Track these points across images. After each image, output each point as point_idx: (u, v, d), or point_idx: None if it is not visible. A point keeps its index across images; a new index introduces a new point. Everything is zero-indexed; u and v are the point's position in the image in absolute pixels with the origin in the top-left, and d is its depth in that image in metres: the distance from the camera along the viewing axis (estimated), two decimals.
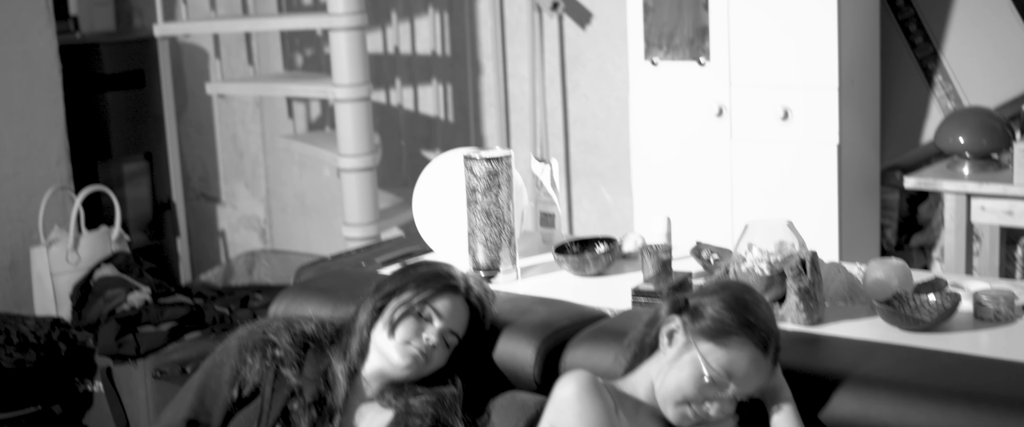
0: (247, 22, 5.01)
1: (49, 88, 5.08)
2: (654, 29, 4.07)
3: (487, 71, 5.05)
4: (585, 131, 4.86)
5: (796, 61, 3.87)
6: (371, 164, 4.59)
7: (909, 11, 4.35)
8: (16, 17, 4.91)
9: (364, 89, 4.49)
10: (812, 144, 3.89)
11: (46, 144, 5.08)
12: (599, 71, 4.78)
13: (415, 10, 5.18)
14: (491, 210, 2.97)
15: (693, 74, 4.03)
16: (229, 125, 5.88)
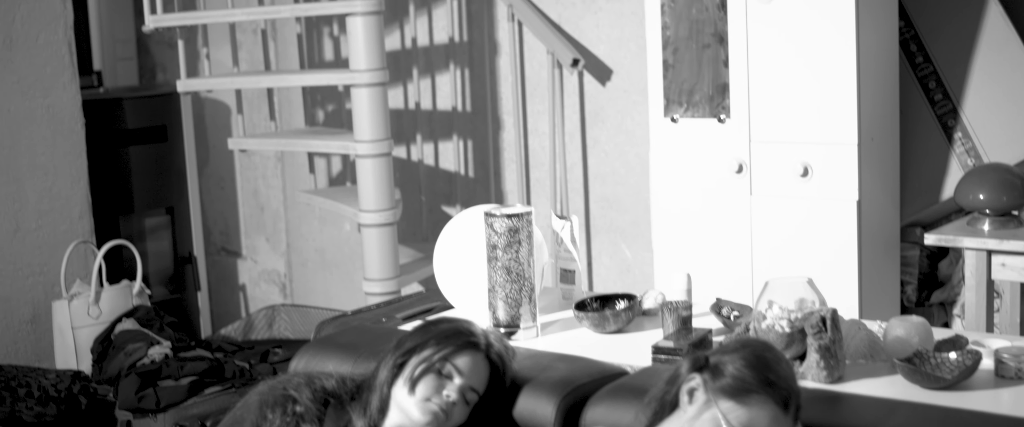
0: (269, 78, 5.05)
1: (72, 142, 5.11)
2: (674, 86, 4.09)
3: (507, 127, 5.07)
4: (605, 187, 4.87)
5: (816, 118, 3.88)
6: (392, 219, 4.60)
7: (928, 67, 4.36)
8: (41, 72, 4.96)
9: (385, 144, 4.51)
10: (832, 200, 3.89)
11: (69, 198, 5.11)
12: (619, 127, 4.80)
13: (436, 66, 5.21)
14: (511, 266, 2.98)
15: (713, 131, 4.04)
16: (250, 180, 5.91)
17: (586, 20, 4.82)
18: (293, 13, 4.87)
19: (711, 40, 4.00)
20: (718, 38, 3.99)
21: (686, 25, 4.03)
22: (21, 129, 4.93)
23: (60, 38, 5.02)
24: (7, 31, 4.83)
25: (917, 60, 4.38)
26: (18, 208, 4.95)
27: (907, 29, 4.37)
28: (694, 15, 4.02)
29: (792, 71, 3.90)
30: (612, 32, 4.77)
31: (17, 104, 4.90)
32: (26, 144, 4.94)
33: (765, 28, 3.91)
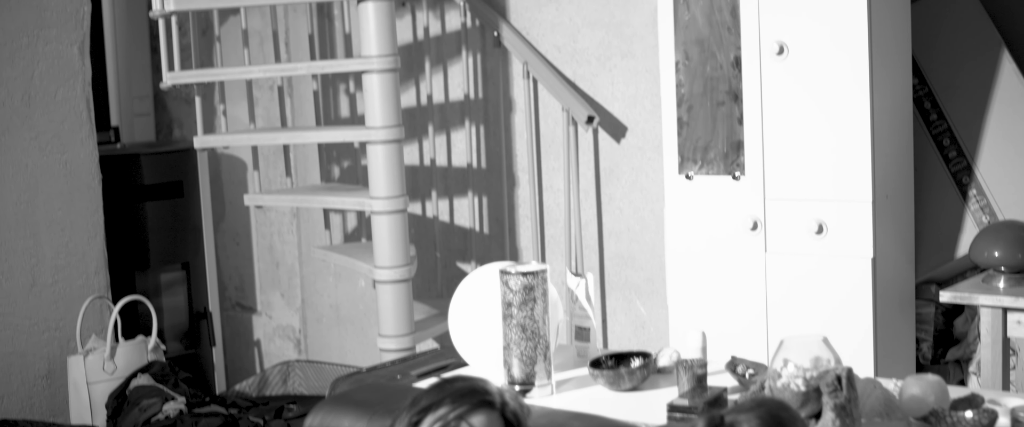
0: (285, 134, 5.07)
1: (89, 198, 5.14)
2: (689, 143, 4.10)
3: (522, 183, 5.08)
4: (619, 244, 4.88)
5: (831, 175, 3.89)
6: (406, 276, 4.61)
7: (943, 125, 4.37)
8: (59, 128, 4.99)
9: (400, 201, 4.53)
10: (847, 258, 3.89)
11: (85, 254, 5.13)
12: (634, 184, 4.81)
13: (451, 123, 5.23)
14: (526, 324, 2.99)
15: (728, 188, 4.05)
16: (266, 235, 5.93)
17: (601, 78, 4.84)
18: (309, 70, 4.90)
19: (725, 97, 4.02)
20: (732, 95, 4.01)
21: (700, 82, 4.05)
22: (39, 184, 4.96)
23: (78, 94, 5.06)
24: (26, 87, 4.87)
25: (931, 117, 4.39)
26: (35, 263, 4.97)
27: (921, 86, 4.39)
28: (708, 73, 4.04)
29: (807, 128, 3.91)
30: (627, 89, 4.79)
31: (35, 159, 4.93)
32: (43, 199, 4.97)
33: (779, 86, 3.93)
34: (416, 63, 5.27)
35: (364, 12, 4.34)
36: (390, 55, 4.38)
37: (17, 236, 4.91)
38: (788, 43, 3.90)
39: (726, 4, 3.98)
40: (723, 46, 4.00)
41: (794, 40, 3.89)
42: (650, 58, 4.67)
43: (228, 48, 5.54)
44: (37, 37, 4.89)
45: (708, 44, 4.03)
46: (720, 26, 4.00)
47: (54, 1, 4.92)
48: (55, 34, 4.95)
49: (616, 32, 4.79)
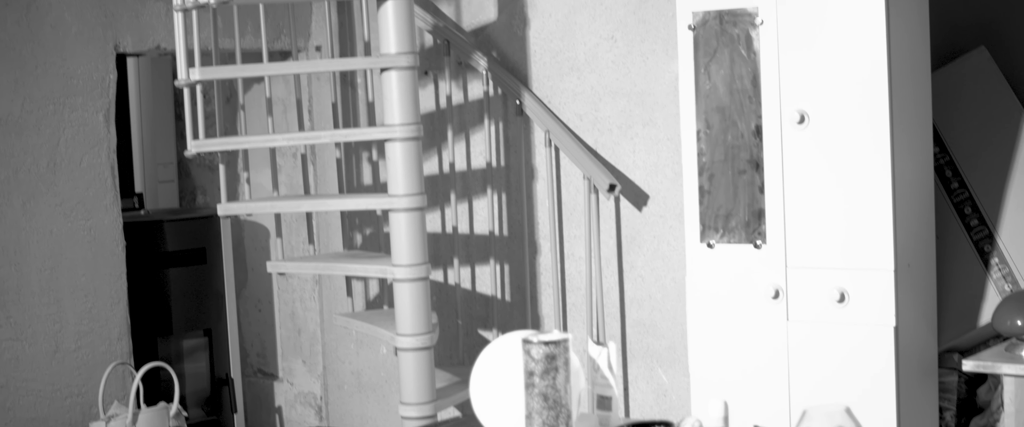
0: (308, 202, 5.10)
1: (113, 264, 5.17)
2: (710, 212, 4.11)
3: (544, 251, 5.10)
4: (641, 312, 4.87)
5: (852, 243, 3.89)
6: (428, 343, 4.61)
7: (964, 193, 4.37)
8: (83, 195, 5.03)
9: (422, 268, 4.54)
10: (869, 326, 3.89)
11: (108, 320, 5.16)
12: (655, 252, 4.81)
13: (473, 191, 5.25)
14: (548, 393, 2.98)
15: (749, 256, 4.05)
16: (288, 302, 5.95)
17: (622, 146, 4.86)
18: (333, 139, 4.93)
19: (747, 166, 4.03)
20: (754, 164, 4.02)
21: (722, 151, 4.07)
22: (63, 251, 4.99)
23: (103, 161, 5.10)
24: (51, 154, 4.92)
25: (953, 186, 4.40)
26: (58, 329, 4.99)
27: (942, 155, 4.40)
28: (730, 141, 4.06)
29: (828, 197, 3.92)
30: (648, 158, 4.81)
31: (60, 226, 4.97)
32: (67, 266, 5.00)
33: (800, 154, 3.94)
34: (439, 131, 5.30)
35: (387, 80, 4.38)
36: (413, 123, 4.41)
37: (41, 302, 4.94)
38: (809, 112, 3.92)
39: (747, 73, 4.00)
40: (744, 115, 4.02)
41: (815, 109, 3.91)
42: (671, 127, 4.69)
43: (252, 116, 5.59)
44: (63, 105, 4.94)
45: (729, 113, 4.05)
46: (741, 95, 4.02)
47: (81, 69, 4.98)
48: (81, 102, 5.00)
49: (637, 101, 4.82)
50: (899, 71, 3.86)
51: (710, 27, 4.06)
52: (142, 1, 5.14)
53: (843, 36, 3.85)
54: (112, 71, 5.11)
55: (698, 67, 4.10)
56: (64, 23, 4.90)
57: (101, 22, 5.02)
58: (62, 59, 4.91)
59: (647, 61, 4.79)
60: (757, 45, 3.98)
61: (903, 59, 3.90)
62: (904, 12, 3.92)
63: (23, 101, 4.82)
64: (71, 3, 4.91)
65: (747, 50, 4.00)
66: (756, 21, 3.98)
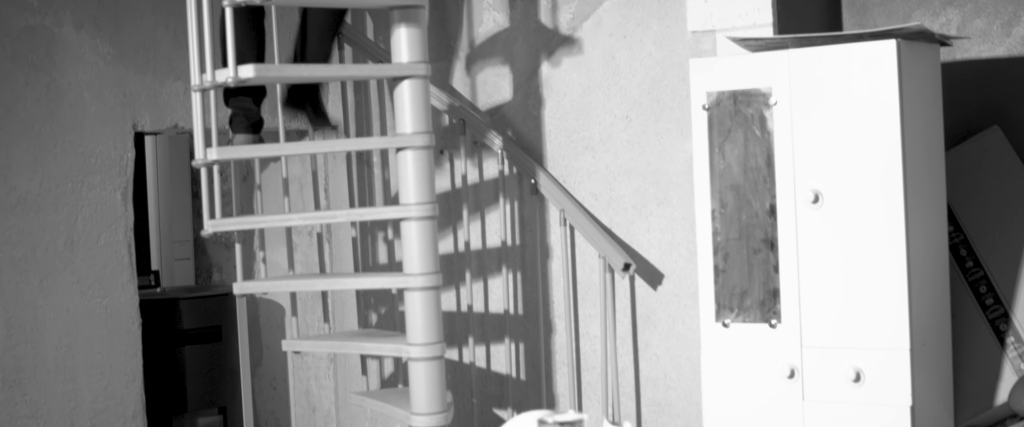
0: (324, 281, 5.11)
1: (128, 342, 5.17)
2: (725, 291, 4.12)
3: (559, 330, 5.09)
4: (656, 391, 4.86)
5: (867, 323, 3.89)
6: (443, 422, 4.60)
7: (979, 272, 4.37)
8: (100, 272, 5.05)
9: (438, 348, 4.54)
10: (885, 406, 3.87)
11: (123, 397, 5.15)
12: (670, 331, 4.81)
13: (488, 269, 5.26)
14: None
15: (764, 336, 4.05)
16: (303, 380, 5.94)
17: (637, 225, 4.88)
18: (348, 218, 4.95)
19: (761, 245, 4.04)
20: (768, 243, 4.03)
21: (736, 230, 4.08)
22: (79, 328, 5.00)
23: (120, 239, 5.13)
24: (69, 232, 4.94)
25: (967, 264, 4.40)
26: (73, 407, 4.99)
27: (957, 234, 4.40)
28: (744, 220, 4.07)
29: (843, 276, 3.92)
30: (663, 237, 4.82)
31: (76, 303, 4.98)
32: (83, 343, 5.01)
33: (815, 233, 3.95)
34: (454, 210, 5.32)
35: (403, 160, 4.40)
36: (429, 203, 4.43)
37: (56, 380, 4.94)
38: (823, 191, 3.93)
39: (761, 152, 4.02)
40: (758, 194, 4.04)
41: (829, 188, 3.93)
42: (686, 206, 4.71)
43: (268, 195, 5.62)
44: (82, 183, 4.98)
45: (743, 192, 4.06)
46: (755, 174, 4.04)
47: (99, 148, 5.02)
48: (99, 180, 5.03)
49: (652, 180, 4.84)
50: (913, 150, 3.88)
51: (724, 107, 4.08)
52: (160, 80, 5.19)
53: (857, 116, 3.87)
54: (130, 149, 5.15)
55: (712, 146, 4.12)
56: (83, 102, 4.95)
57: (120, 101, 5.06)
58: (81, 138, 4.95)
59: (662, 140, 4.81)
60: (771, 125, 4.00)
61: (917, 138, 3.92)
62: (918, 92, 3.95)
63: (42, 179, 4.85)
64: (91, 83, 4.96)
65: (761, 130, 4.02)
66: (770, 101, 4.00)
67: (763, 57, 4.05)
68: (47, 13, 4.83)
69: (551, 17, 5.08)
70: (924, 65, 4.03)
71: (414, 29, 4.32)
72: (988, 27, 4.65)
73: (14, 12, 4.74)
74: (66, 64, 4.89)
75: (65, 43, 4.88)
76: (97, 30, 4.98)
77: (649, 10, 4.82)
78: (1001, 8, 4.63)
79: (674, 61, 4.76)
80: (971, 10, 4.68)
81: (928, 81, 4.06)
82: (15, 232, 4.77)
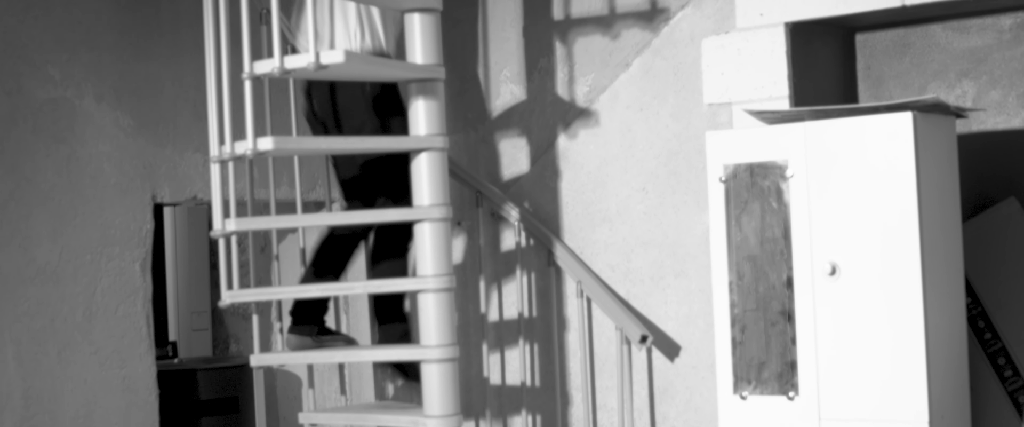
0: (341, 353, 5.11)
1: (146, 413, 5.17)
2: (743, 363, 4.11)
3: (576, 402, 5.08)
4: None
5: (886, 396, 3.87)
6: None
7: (997, 344, 4.36)
8: (119, 343, 5.05)
9: (454, 420, 4.53)
10: None
11: None
12: (688, 404, 4.80)
13: (505, 341, 5.26)
14: None
15: (782, 408, 4.04)
16: None
17: (654, 297, 4.88)
18: (366, 290, 4.96)
19: (779, 317, 4.04)
20: (786, 315, 4.02)
21: (754, 302, 4.08)
22: (97, 399, 5.00)
23: (138, 310, 5.14)
24: (87, 303, 4.96)
25: (986, 336, 4.39)
26: None
27: (974, 306, 4.40)
28: (762, 292, 4.07)
29: (861, 349, 3.91)
30: (680, 309, 4.82)
31: (94, 374, 4.99)
32: (101, 414, 5.01)
33: (832, 305, 3.95)
34: (471, 283, 5.32)
35: (420, 231, 4.42)
36: (446, 274, 4.43)
37: None
38: (840, 263, 3.93)
39: (778, 224, 4.03)
40: (775, 266, 4.04)
41: (846, 260, 3.93)
42: (703, 278, 4.71)
43: (286, 266, 5.63)
44: (101, 254, 5.00)
45: (760, 264, 4.07)
46: (772, 246, 4.04)
47: (118, 219, 5.04)
48: (118, 251, 5.06)
49: (669, 252, 4.85)
50: (930, 222, 3.88)
51: (741, 179, 4.10)
52: (180, 152, 5.22)
53: (874, 188, 3.88)
54: (149, 221, 5.17)
55: (729, 218, 4.13)
56: (103, 174, 4.98)
57: (140, 173, 5.10)
58: (101, 209, 4.98)
59: (678, 212, 4.82)
60: (787, 197, 4.01)
61: (934, 210, 3.93)
62: (934, 164, 3.96)
63: (61, 250, 4.87)
64: (111, 154, 5.00)
65: (777, 202, 4.03)
66: (786, 173, 4.01)
67: (779, 129, 4.06)
68: (69, 86, 4.88)
69: (568, 90, 5.12)
70: (940, 137, 4.04)
71: (432, 102, 4.35)
72: (1003, 99, 4.66)
73: (36, 85, 4.79)
74: (87, 136, 4.93)
75: (86, 115, 4.93)
76: (118, 102, 5.02)
77: (665, 83, 4.85)
78: (1016, 80, 4.65)
79: (691, 133, 4.78)
80: (986, 82, 4.70)
81: (944, 153, 4.07)
82: (34, 303, 4.79)
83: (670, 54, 4.85)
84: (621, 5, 4.99)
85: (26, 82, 4.77)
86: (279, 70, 4.04)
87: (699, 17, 4.76)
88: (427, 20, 4.33)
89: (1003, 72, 4.66)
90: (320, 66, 3.98)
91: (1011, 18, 4.64)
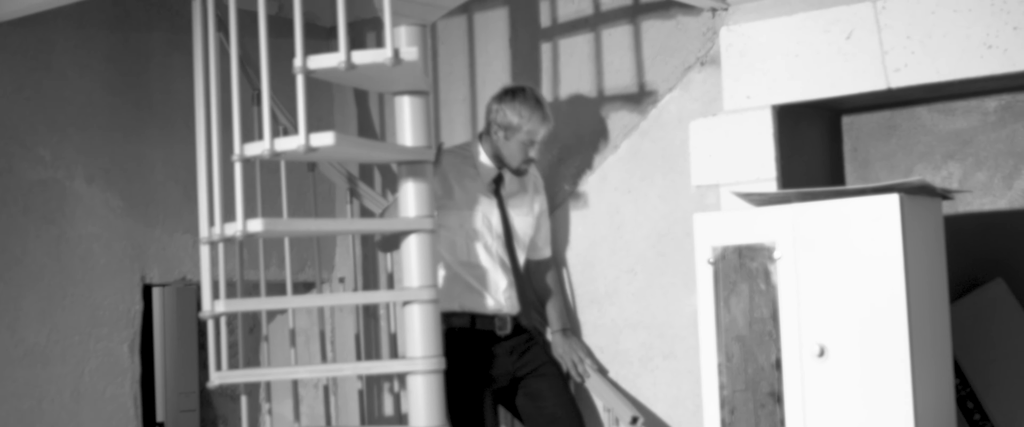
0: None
1: None
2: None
3: None
4: None
5: None
6: None
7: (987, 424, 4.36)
8: (106, 425, 5.03)
9: None
10: None
11: None
12: None
13: None
14: None
15: None
16: None
17: (643, 378, 4.87)
18: (355, 371, 4.95)
19: (767, 399, 4.04)
20: (775, 397, 4.02)
21: (743, 383, 4.08)
22: None
23: (126, 392, 5.12)
24: (75, 384, 4.94)
25: (975, 417, 4.39)
26: None
27: (963, 386, 4.40)
28: (750, 374, 4.07)
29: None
30: (669, 390, 4.81)
31: None
32: None
33: (821, 387, 3.95)
34: None
35: (409, 314, 4.42)
36: (435, 356, 4.43)
37: None
38: (828, 345, 3.94)
39: (766, 305, 4.04)
40: (764, 347, 4.05)
41: (834, 342, 3.93)
42: (692, 359, 4.71)
43: (275, 347, 5.62)
44: (89, 335, 4.99)
45: (749, 345, 4.07)
46: (760, 327, 4.05)
47: (107, 300, 5.04)
48: (107, 332, 5.05)
49: (657, 333, 4.85)
50: (918, 303, 3.89)
51: (729, 261, 4.11)
52: (169, 233, 5.23)
53: (861, 269, 3.90)
54: (138, 302, 5.17)
55: (718, 300, 4.14)
56: (93, 255, 4.98)
57: (129, 254, 5.10)
58: (90, 290, 4.98)
59: (667, 294, 4.83)
60: (775, 278, 4.03)
61: (922, 291, 3.94)
62: (921, 245, 3.98)
63: (49, 331, 4.87)
64: (100, 236, 5.01)
65: (765, 283, 4.04)
66: (774, 255, 4.03)
67: (767, 211, 4.09)
68: (59, 167, 4.90)
69: (556, 170, 5.14)
70: (927, 218, 4.06)
71: (421, 184, 4.36)
72: (990, 180, 4.70)
73: (27, 166, 4.81)
74: (77, 217, 4.94)
75: (76, 196, 4.94)
76: (107, 184, 5.04)
77: (654, 164, 4.88)
78: (1002, 162, 4.68)
79: (679, 215, 4.80)
80: (972, 164, 4.73)
81: (931, 234, 4.09)
82: (22, 384, 4.77)
83: (658, 136, 4.88)
84: (610, 88, 5.03)
85: (17, 163, 4.79)
86: (269, 152, 4.06)
87: (687, 100, 4.80)
88: (417, 102, 4.36)
89: (988, 153, 4.70)
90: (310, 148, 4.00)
91: (996, 100, 4.68)
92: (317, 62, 3.96)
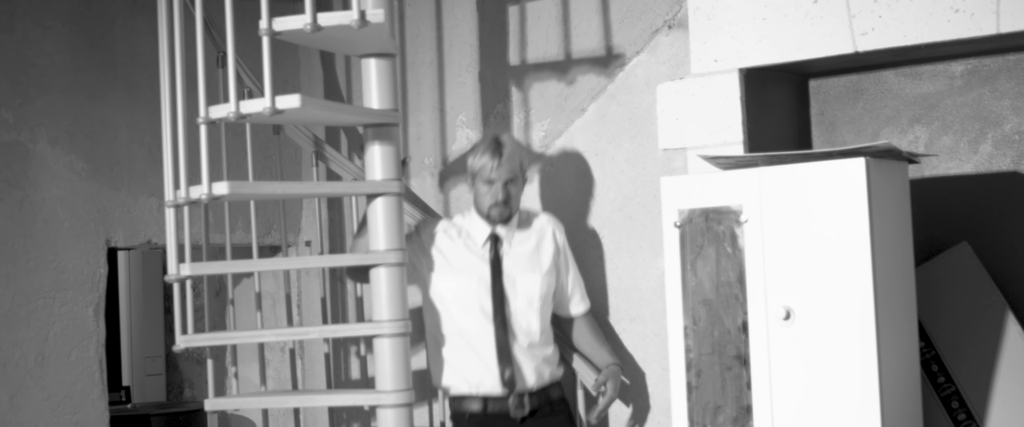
0: (296, 398, 5.09)
1: None
2: (698, 407, 4.11)
3: None
4: None
5: None
6: None
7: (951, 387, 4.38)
8: (71, 389, 5.01)
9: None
10: None
11: None
12: None
13: None
14: None
15: None
16: None
17: (610, 341, 4.87)
18: (321, 334, 4.94)
19: (734, 361, 4.05)
20: (741, 360, 4.04)
21: (709, 346, 4.09)
22: None
23: (91, 355, 5.10)
24: (40, 348, 4.92)
25: (939, 380, 4.41)
26: None
27: (928, 349, 4.42)
28: (717, 337, 4.08)
29: (815, 392, 3.92)
30: (636, 353, 4.82)
31: (46, 420, 4.94)
32: None
33: (787, 350, 3.96)
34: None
35: (376, 277, 4.41)
36: (401, 319, 4.43)
37: None
38: (794, 308, 3.95)
39: (733, 269, 4.05)
40: (730, 311, 4.06)
41: (800, 305, 3.94)
42: (658, 322, 4.72)
43: (241, 310, 5.61)
44: (53, 299, 4.96)
45: (715, 308, 4.08)
46: (727, 291, 4.06)
47: (72, 264, 5.01)
48: (71, 296, 5.02)
49: (624, 296, 4.85)
50: (884, 267, 3.91)
51: (696, 224, 4.11)
52: (134, 196, 5.20)
53: (827, 233, 3.91)
54: (103, 265, 5.15)
55: (684, 263, 4.14)
56: (57, 218, 4.95)
57: (93, 217, 5.07)
58: (54, 253, 4.95)
59: (634, 257, 4.84)
60: (742, 242, 4.03)
61: (887, 255, 3.95)
62: (887, 209, 3.99)
63: (13, 295, 4.84)
64: (64, 198, 4.97)
65: (732, 247, 4.05)
66: (741, 218, 4.04)
67: (734, 175, 4.09)
68: (22, 129, 4.86)
69: (524, 135, 5.13)
70: (893, 182, 4.07)
71: (388, 147, 4.35)
72: (955, 144, 4.71)
73: None
74: (40, 180, 4.90)
75: (40, 159, 4.90)
76: (72, 146, 5.00)
77: (621, 128, 4.87)
78: (968, 126, 4.70)
79: (646, 178, 4.80)
80: (938, 128, 4.75)
81: (897, 198, 4.10)
82: None
83: (625, 100, 4.87)
84: (577, 51, 5.02)
85: None
86: (235, 115, 4.04)
87: (654, 63, 4.80)
88: (383, 65, 4.34)
89: (954, 118, 4.72)
90: (276, 111, 3.98)
91: (962, 65, 4.69)
92: (283, 24, 3.94)
